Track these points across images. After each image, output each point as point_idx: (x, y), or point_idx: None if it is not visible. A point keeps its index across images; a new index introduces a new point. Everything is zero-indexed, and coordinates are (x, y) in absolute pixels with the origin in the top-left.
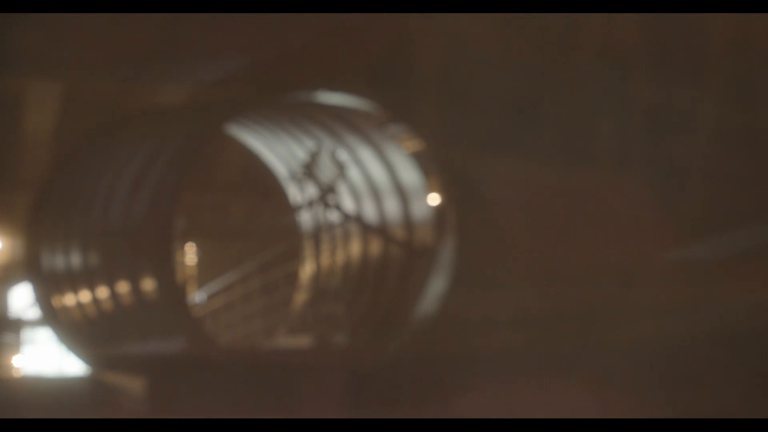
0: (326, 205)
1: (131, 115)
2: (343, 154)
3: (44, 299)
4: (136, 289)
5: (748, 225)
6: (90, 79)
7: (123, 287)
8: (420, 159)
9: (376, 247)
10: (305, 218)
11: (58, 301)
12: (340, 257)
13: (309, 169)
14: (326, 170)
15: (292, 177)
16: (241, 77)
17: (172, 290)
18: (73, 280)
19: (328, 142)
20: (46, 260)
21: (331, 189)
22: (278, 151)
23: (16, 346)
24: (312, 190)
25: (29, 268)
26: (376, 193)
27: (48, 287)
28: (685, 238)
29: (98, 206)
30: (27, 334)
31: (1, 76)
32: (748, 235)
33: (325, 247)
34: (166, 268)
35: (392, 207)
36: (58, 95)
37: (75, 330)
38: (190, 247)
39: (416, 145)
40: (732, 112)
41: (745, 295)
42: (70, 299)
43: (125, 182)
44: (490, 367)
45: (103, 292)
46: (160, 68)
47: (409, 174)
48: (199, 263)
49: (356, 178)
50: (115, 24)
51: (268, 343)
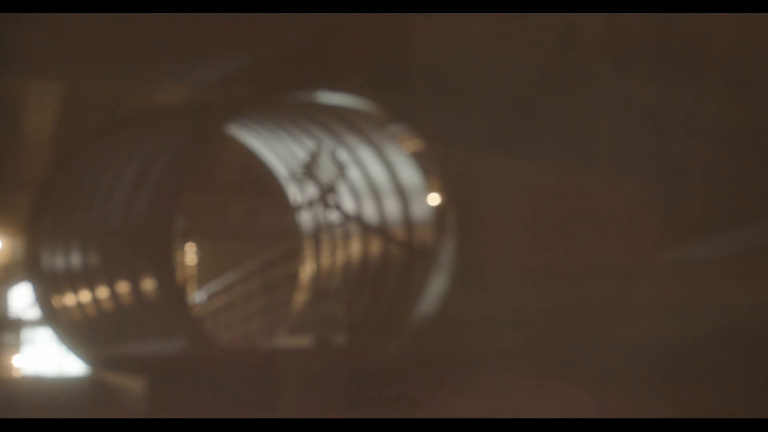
0: (326, 205)
1: (131, 115)
2: (343, 154)
3: (44, 299)
4: (136, 289)
5: (748, 225)
6: (90, 79)
7: (123, 287)
8: (420, 159)
9: (376, 247)
10: (305, 218)
11: (58, 301)
12: (340, 257)
13: (309, 169)
14: (326, 170)
15: (292, 177)
16: (241, 77)
17: (172, 290)
18: (73, 280)
19: (328, 142)
20: (46, 260)
21: (331, 189)
22: (278, 151)
23: (16, 346)
24: (312, 190)
25: (29, 268)
26: (376, 193)
27: (48, 287)
28: (685, 238)
29: (98, 206)
30: (27, 334)
31: (1, 76)
32: (748, 235)
33: (325, 247)
34: (166, 268)
35: (392, 207)
36: (58, 95)
37: (75, 330)
38: (190, 247)
39: (416, 145)
40: (732, 111)
41: (745, 295)
42: (70, 299)
43: (125, 182)
44: (490, 367)
45: (103, 292)
46: (160, 68)
47: (409, 174)
48: (199, 263)
49: (356, 178)
50: (115, 24)
51: (268, 343)
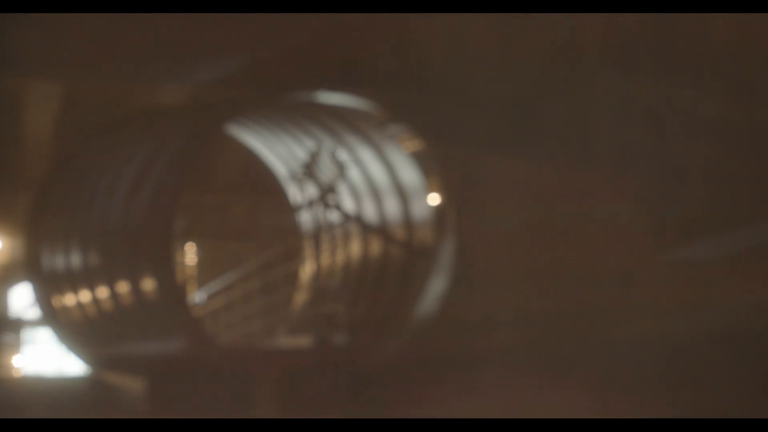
0: (326, 205)
1: (131, 115)
2: (343, 154)
3: (44, 299)
4: (136, 289)
5: (748, 225)
6: (90, 79)
7: (123, 287)
8: (420, 159)
9: (376, 247)
10: (305, 218)
11: (58, 301)
12: (340, 257)
13: (309, 169)
14: (326, 170)
15: (292, 177)
16: (241, 77)
17: (172, 290)
18: (73, 280)
19: (328, 142)
20: (46, 260)
21: (331, 189)
22: (278, 151)
23: (16, 346)
24: (312, 190)
25: (29, 268)
26: (376, 193)
27: (48, 287)
28: (685, 238)
29: (98, 206)
30: (27, 334)
31: (1, 76)
32: (748, 235)
33: (325, 247)
34: (166, 268)
35: (392, 207)
36: (58, 95)
37: (75, 330)
38: (190, 247)
39: (416, 145)
40: (732, 111)
41: (745, 295)
42: (70, 299)
43: (125, 182)
44: (490, 367)
45: (103, 292)
46: (160, 68)
47: (409, 174)
48: (199, 263)
49: (356, 178)
50: (115, 24)
51: (268, 343)
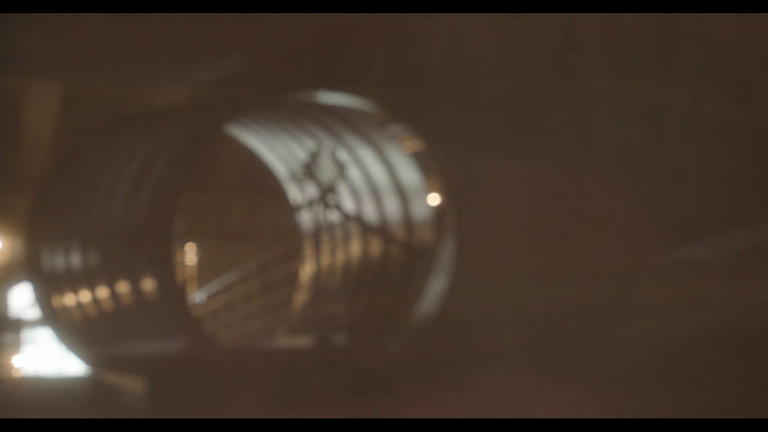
0: (326, 205)
1: (131, 115)
2: (343, 154)
3: (44, 299)
4: (136, 289)
5: (748, 225)
6: (90, 79)
7: (123, 287)
8: (420, 159)
9: (376, 247)
10: (305, 218)
11: (58, 301)
12: (340, 257)
13: (309, 169)
14: (326, 170)
15: (292, 177)
16: (241, 77)
17: (172, 290)
18: (73, 280)
19: (328, 142)
20: (46, 260)
21: (331, 189)
22: (278, 151)
23: (16, 346)
24: (312, 190)
25: (29, 268)
26: (376, 193)
27: (48, 287)
28: (685, 238)
29: (98, 206)
30: (27, 334)
31: (1, 76)
32: (748, 235)
33: (325, 247)
34: (166, 268)
35: (392, 207)
36: (58, 95)
37: (75, 330)
38: (190, 247)
39: (416, 145)
40: (732, 111)
41: (745, 295)
42: (70, 299)
43: (125, 182)
44: (490, 367)
45: (103, 292)
46: (160, 68)
47: (409, 174)
48: (199, 263)
49: (356, 178)
50: (115, 24)
51: (268, 343)
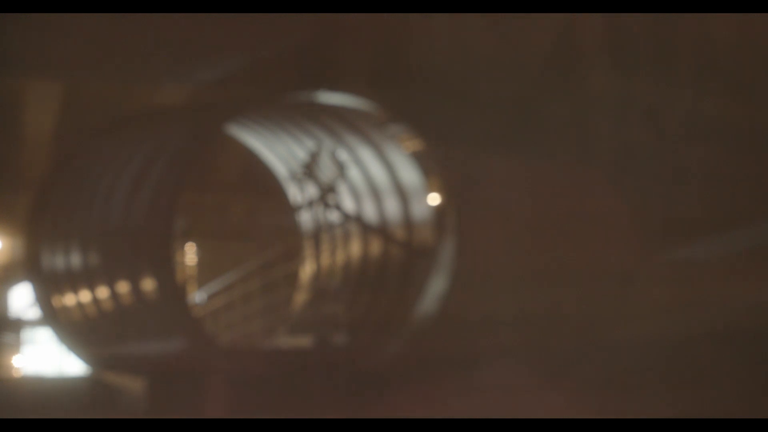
0: (326, 205)
1: (131, 115)
2: (343, 154)
3: (44, 299)
4: (136, 289)
5: (748, 225)
6: (90, 79)
7: (123, 287)
8: (420, 159)
9: (376, 247)
10: (305, 218)
11: (58, 301)
12: (340, 257)
13: (309, 169)
14: (326, 170)
15: (292, 177)
16: (241, 77)
17: (172, 290)
18: (73, 280)
19: (328, 142)
20: (46, 260)
21: (331, 189)
22: (278, 151)
23: (16, 346)
24: (312, 190)
25: (29, 268)
26: (376, 193)
27: (48, 287)
28: (685, 238)
29: (98, 206)
30: (27, 334)
31: (1, 76)
32: (748, 235)
33: (325, 247)
34: (166, 268)
35: (392, 207)
36: (58, 95)
37: (75, 330)
38: (190, 247)
39: (416, 145)
40: (732, 111)
41: (745, 295)
42: (70, 299)
43: (125, 182)
44: (490, 367)
45: (103, 292)
46: (160, 68)
47: (409, 174)
48: (199, 263)
49: (356, 178)
50: (115, 24)
51: (268, 343)
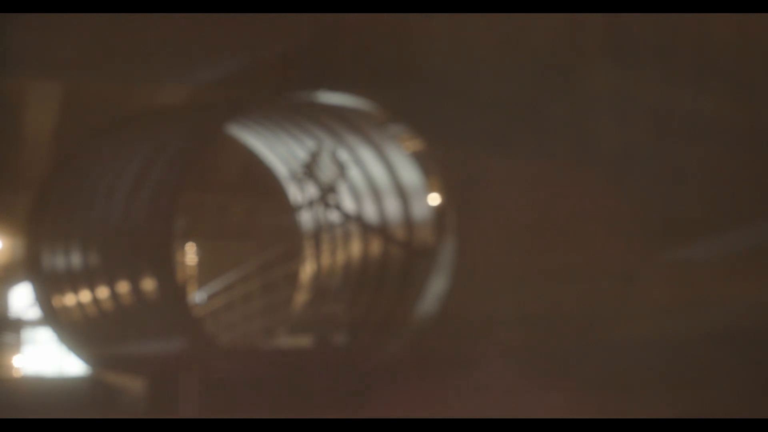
0: (326, 205)
1: (131, 115)
2: (343, 154)
3: (44, 299)
4: (137, 289)
5: (748, 225)
6: (90, 79)
7: (123, 287)
8: (420, 159)
9: (376, 247)
10: (305, 218)
11: (58, 301)
12: (341, 257)
13: (309, 169)
14: (326, 170)
15: (292, 177)
16: (241, 77)
17: (172, 290)
18: (74, 280)
19: (329, 142)
20: (46, 260)
21: (332, 189)
22: (278, 151)
23: (17, 346)
24: (312, 190)
25: (29, 268)
26: (377, 193)
27: (48, 287)
28: (685, 238)
29: (98, 206)
30: (27, 334)
31: (1, 76)
32: (748, 235)
33: (326, 247)
34: (166, 268)
35: (392, 207)
36: (58, 95)
37: (75, 330)
38: (190, 247)
39: (416, 145)
40: (732, 111)
41: (745, 295)
42: (71, 299)
43: (125, 182)
44: (490, 367)
45: (104, 292)
46: (160, 68)
47: (409, 174)
48: (199, 263)
49: (356, 178)
50: (115, 24)
51: (268, 343)
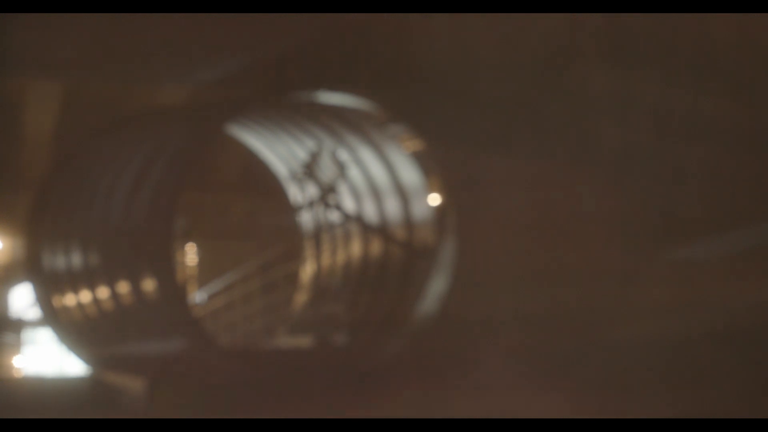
0: (327, 205)
1: (131, 115)
2: (343, 154)
3: (44, 299)
4: (137, 289)
5: (748, 225)
6: (90, 79)
7: (123, 287)
8: (420, 159)
9: (376, 247)
10: (305, 218)
11: (58, 301)
12: (341, 257)
13: (309, 169)
14: (326, 170)
15: (293, 177)
16: (241, 77)
17: (173, 290)
18: (74, 280)
19: (329, 142)
20: (46, 260)
21: (332, 189)
22: (278, 151)
23: (17, 346)
24: (312, 190)
25: (29, 268)
26: (377, 193)
27: (48, 287)
28: (685, 238)
29: (98, 206)
30: (27, 334)
31: (1, 76)
32: (748, 235)
33: (326, 247)
34: (166, 268)
35: (392, 207)
36: (58, 95)
37: (75, 330)
38: (190, 247)
39: (416, 145)
40: (732, 111)
41: (745, 295)
42: (71, 299)
43: (125, 182)
44: (490, 367)
45: (104, 292)
46: (160, 68)
47: (409, 174)
48: (199, 263)
49: (356, 178)
50: (115, 24)
51: (268, 343)
